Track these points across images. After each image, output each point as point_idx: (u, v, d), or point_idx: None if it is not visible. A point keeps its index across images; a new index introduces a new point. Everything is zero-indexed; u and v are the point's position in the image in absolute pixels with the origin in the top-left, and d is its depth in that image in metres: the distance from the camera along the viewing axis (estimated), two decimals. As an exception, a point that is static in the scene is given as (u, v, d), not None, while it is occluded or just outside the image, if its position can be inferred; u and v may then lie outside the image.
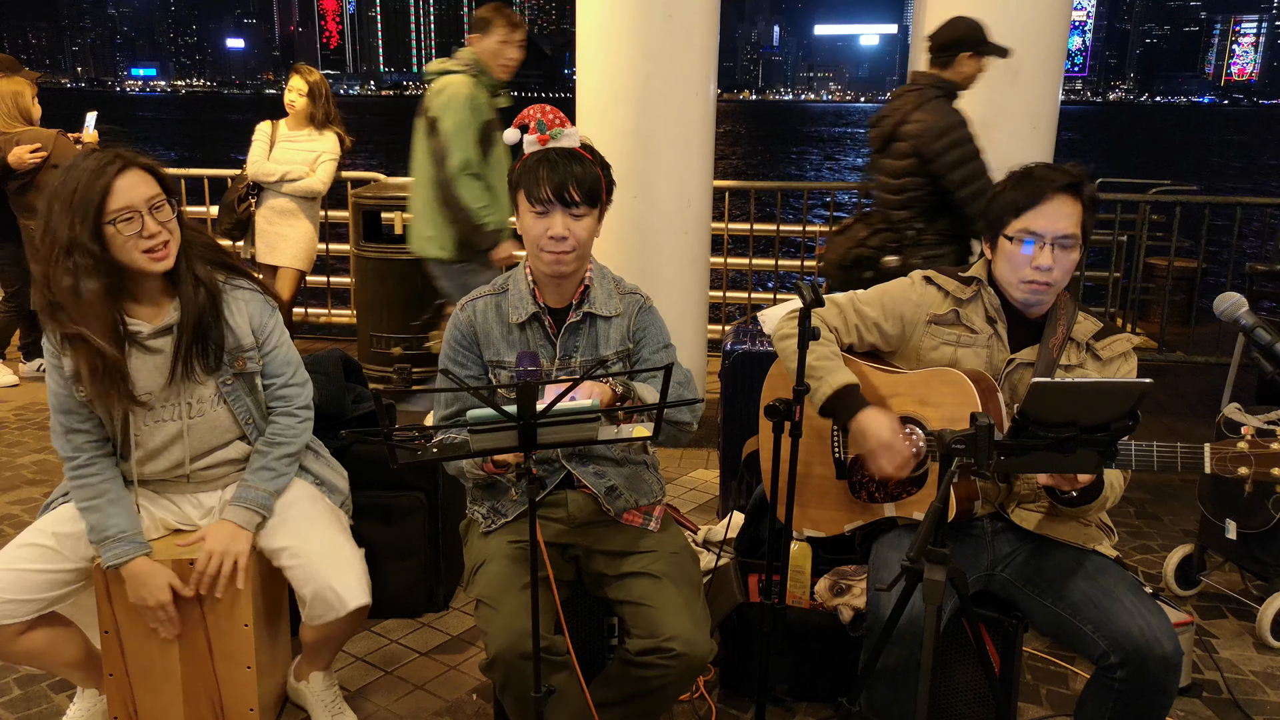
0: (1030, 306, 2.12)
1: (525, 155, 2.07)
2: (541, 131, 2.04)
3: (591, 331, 2.14)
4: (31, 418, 4.70)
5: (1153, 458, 1.87)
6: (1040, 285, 2.05)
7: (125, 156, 1.99)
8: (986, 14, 3.88)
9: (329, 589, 2.14)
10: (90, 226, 1.94)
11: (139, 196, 1.97)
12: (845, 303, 2.27)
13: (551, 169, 1.99)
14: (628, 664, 1.98)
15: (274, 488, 2.20)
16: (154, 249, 2.00)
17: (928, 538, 1.64)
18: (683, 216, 4.35)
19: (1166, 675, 1.88)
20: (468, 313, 2.15)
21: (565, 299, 2.13)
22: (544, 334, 2.13)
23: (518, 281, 2.15)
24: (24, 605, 2.07)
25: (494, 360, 2.13)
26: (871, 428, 2.06)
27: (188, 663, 2.20)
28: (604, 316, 2.14)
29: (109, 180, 1.94)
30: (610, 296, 2.16)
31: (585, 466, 2.16)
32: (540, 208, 2.01)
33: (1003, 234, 2.08)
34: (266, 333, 2.21)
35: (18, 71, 4.92)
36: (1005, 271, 2.10)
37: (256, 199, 4.95)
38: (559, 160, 2.00)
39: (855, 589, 2.46)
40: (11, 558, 2.09)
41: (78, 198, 1.94)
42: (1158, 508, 3.92)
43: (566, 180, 1.98)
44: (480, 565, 2.08)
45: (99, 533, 2.08)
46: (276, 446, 2.22)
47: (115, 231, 1.96)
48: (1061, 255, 2.04)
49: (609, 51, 4.20)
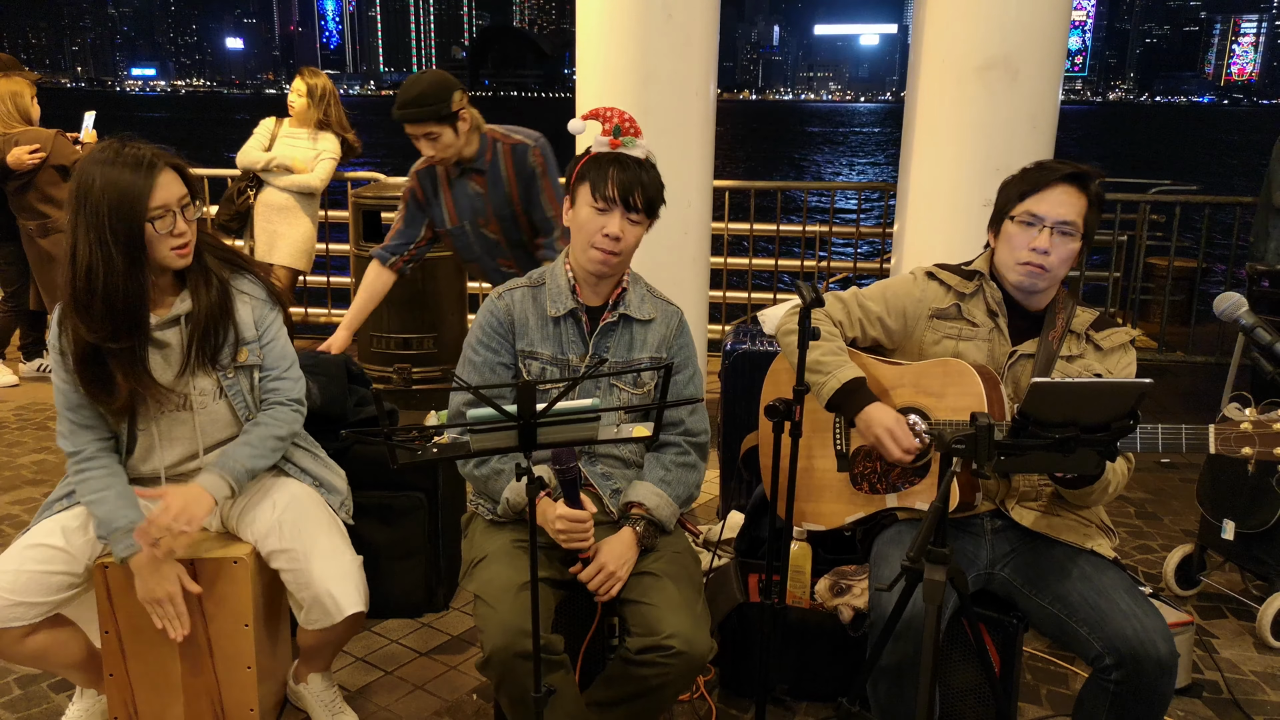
0: (1027, 293, 2.15)
1: (592, 153, 2.10)
2: (615, 136, 2.09)
3: (626, 333, 2.18)
4: (31, 418, 4.70)
5: (1158, 439, 1.89)
6: (1036, 268, 2.08)
7: (161, 155, 2.01)
8: (986, 14, 3.88)
9: (327, 595, 2.13)
10: (135, 224, 1.96)
11: (173, 196, 2.00)
12: (849, 298, 2.29)
13: (622, 169, 2.05)
14: (628, 663, 1.98)
15: (252, 465, 2.16)
16: (180, 246, 2.04)
17: (928, 537, 1.64)
18: (683, 216, 4.35)
19: (1161, 677, 1.88)
20: (505, 301, 2.17)
21: (602, 298, 2.18)
22: (579, 331, 2.16)
23: (556, 276, 2.18)
24: (31, 609, 2.06)
25: (526, 350, 2.15)
26: (876, 416, 2.10)
27: (188, 663, 2.20)
28: (640, 320, 2.19)
29: (154, 180, 1.97)
30: (644, 301, 2.21)
31: (594, 466, 2.18)
32: (603, 204, 2.05)
33: (1007, 216, 2.13)
34: (266, 325, 2.22)
35: (17, 71, 4.91)
36: (1004, 254, 2.14)
37: (255, 191, 4.96)
38: (630, 164, 2.06)
39: (855, 589, 2.46)
40: (19, 559, 2.07)
41: (122, 195, 1.95)
42: (1158, 508, 3.92)
43: (635, 185, 2.04)
44: (480, 560, 2.09)
45: (107, 525, 2.06)
46: (262, 427, 2.21)
47: (153, 230, 1.99)
48: (1060, 242, 2.07)
49: (609, 51, 4.20)
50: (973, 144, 3.99)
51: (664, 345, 2.21)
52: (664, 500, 2.13)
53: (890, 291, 2.27)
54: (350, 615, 2.15)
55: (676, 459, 2.20)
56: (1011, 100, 3.94)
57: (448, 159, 3.19)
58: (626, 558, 2.04)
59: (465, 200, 3.28)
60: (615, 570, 2.01)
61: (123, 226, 1.95)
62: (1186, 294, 6.31)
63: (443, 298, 4.61)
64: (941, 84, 4.06)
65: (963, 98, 3.96)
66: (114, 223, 1.95)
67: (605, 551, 2.03)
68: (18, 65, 4.99)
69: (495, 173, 3.22)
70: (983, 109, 3.93)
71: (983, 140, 3.90)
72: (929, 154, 4.20)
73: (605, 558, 2.02)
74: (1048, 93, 4.01)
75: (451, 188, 3.29)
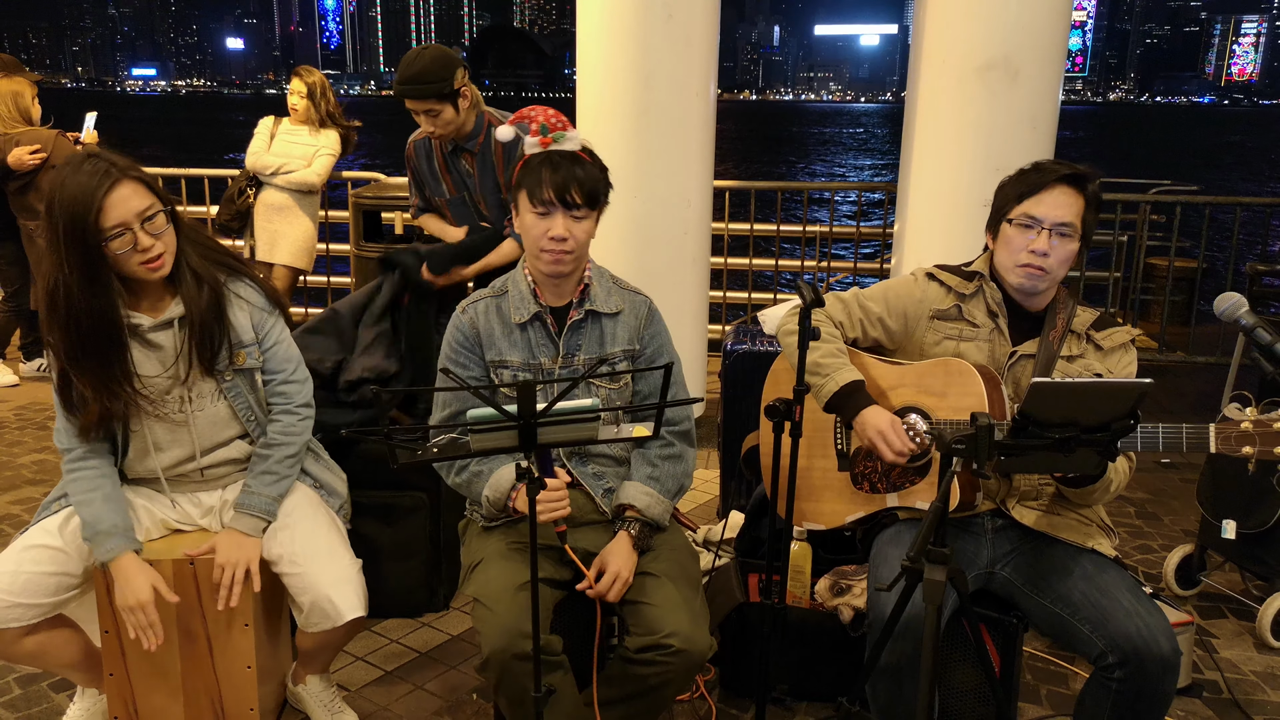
0: (1027, 294, 2.15)
1: (526, 156, 2.10)
2: (544, 134, 2.08)
3: (595, 329, 2.17)
4: (31, 418, 4.70)
5: (1159, 439, 1.88)
6: (1035, 270, 2.09)
7: (115, 170, 1.94)
8: (987, 14, 3.88)
9: (326, 600, 2.13)
10: (90, 245, 1.93)
11: (130, 211, 1.94)
12: (850, 299, 2.30)
13: (554, 170, 2.02)
14: (627, 662, 1.99)
15: (276, 492, 2.20)
16: (149, 261, 2.00)
17: (928, 537, 1.64)
18: (683, 216, 4.35)
19: (1164, 675, 1.88)
20: (469, 314, 2.16)
21: (565, 298, 2.16)
22: (546, 333, 2.15)
23: (517, 283, 2.17)
24: (30, 609, 2.06)
25: (496, 360, 2.14)
26: (871, 419, 2.11)
27: (188, 662, 2.20)
28: (607, 314, 2.17)
29: (100, 200, 1.91)
30: (610, 294, 2.19)
31: (584, 467, 2.18)
32: (542, 208, 2.03)
33: (1005, 219, 2.13)
34: (266, 329, 2.21)
35: (18, 72, 4.91)
36: (1004, 257, 2.14)
37: (255, 191, 4.97)
38: (562, 162, 2.03)
39: (855, 589, 2.46)
40: (19, 560, 2.07)
41: (73, 220, 1.91)
42: (1158, 508, 3.92)
43: (569, 182, 2.01)
44: (477, 564, 2.09)
45: (91, 528, 2.06)
46: (277, 448, 2.22)
47: (111, 250, 1.96)
48: (1059, 243, 2.07)
49: (609, 51, 4.20)
50: (973, 144, 4.00)
51: (635, 337, 2.20)
52: (654, 498, 2.13)
53: (891, 293, 2.27)
54: (350, 620, 2.15)
55: (662, 452, 2.19)
56: (1011, 100, 3.94)
57: (446, 135, 3.21)
58: (629, 561, 2.05)
59: (457, 175, 3.36)
60: (622, 573, 2.03)
61: (78, 248, 1.92)
62: (1186, 294, 6.31)
63: (443, 297, 4.61)
64: (942, 84, 4.07)
65: (963, 98, 3.97)
66: (69, 243, 1.92)
67: (611, 560, 2.04)
68: (18, 66, 4.99)
69: (485, 155, 3.26)
70: (983, 109, 3.93)
71: (983, 140, 3.91)
72: (929, 154, 4.20)
73: (613, 566, 2.03)
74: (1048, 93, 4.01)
75: (446, 162, 3.36)
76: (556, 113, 2.11)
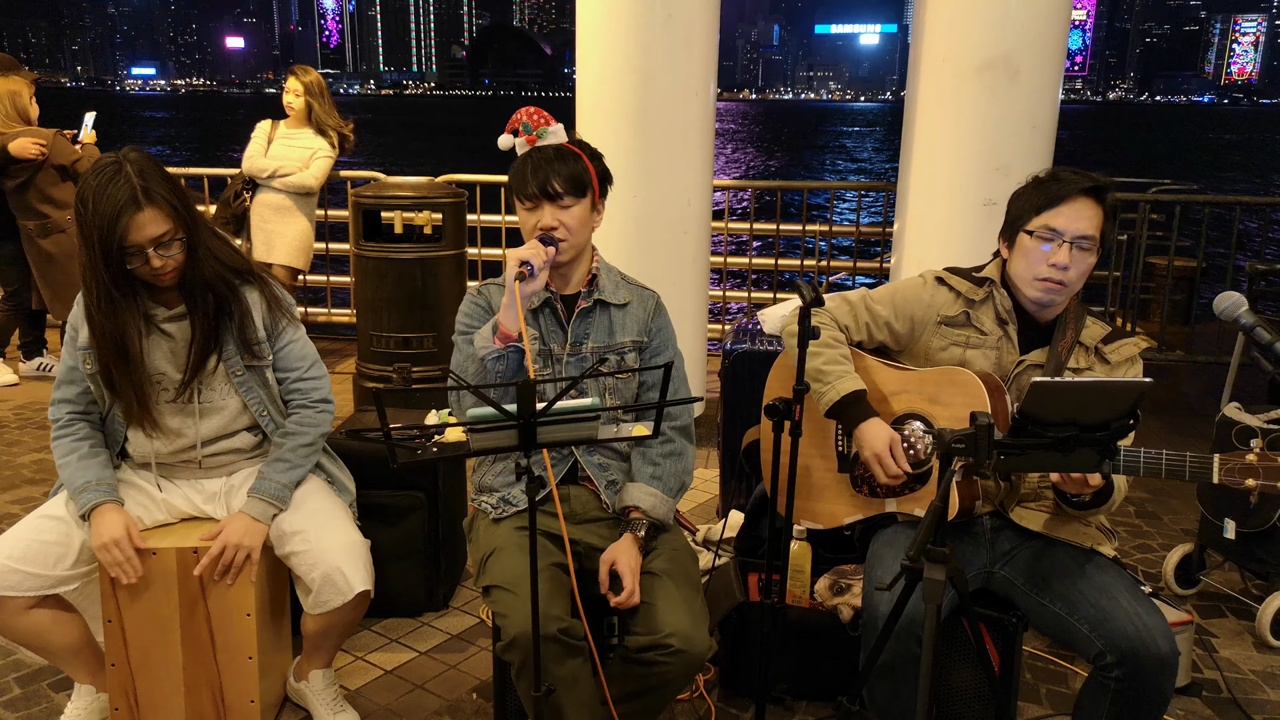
0: (1043, 306, 2.13)
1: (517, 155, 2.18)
2: (528, 133, 2.16)
3: (604, 318, 2.22)
4: (31, 417, 4.70)
5: (1161, 466, 1.84)
6: (1055, 284, 2.06)
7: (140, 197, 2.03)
8: (986, 14, 3.88)
9: (338, 571, 2.19)
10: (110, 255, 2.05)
11: (145, 238, 2.05)
12: (857, 300, 2.28)
13: (534, 168, 2.11)
14: (627, 661, 1.99)
15: (289, 479, 2.27)
16: (157, 275, 2.11)
17: (928, 537, 1.64)
18: (683, 216, 4.35)
19: (1163, 675, 1.88)
20: (485, 294, 2.23)
21: (574, 286, 2.22)
22: (556, 320, 2.20)
23: None
24: (33, 579, 2.13)
25: None
26: (868, 439, 2.11)
27: (189, 653, 2.22)
28: (616, 305, 2.23)
29: (124, 224, 2.02)
30: (618, 287, 2.26)
31: (590, 456, 2.22)
32: (530, 203, 2.12)
33: (1023, 229, 2.09)
34: (279, 329, 2.29)
35: (16, 71, 4.91)
36: (1021, 268, 2.11)
37: (251, 194, 4.96)
38: (541, 158, 2.12)
39: (855, 588, 2.46)
40: (24, 528, 2.18)
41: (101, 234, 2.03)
42: (1158, 507, 3.92)
43: (549, 176, 2.10)
44: (491, 554, 2.10)
45: (70, 485, 2.18)
46: (292, 437, 2.29)
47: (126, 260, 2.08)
48: (1079, 256, 2.05)
49: (609, 51, 4.20)
50: (972, 144, 4.00)
51: (643, 329, 2.25)
52: (659, 499, 2.15)
53: (899, 295, 2.26)
54: (358, 595, 2.21)
55: (663, 449, 2.21)
56: (1011, 100, 3.94)
57: None
58: (637, 562, 2.07)
59: None
60: (635, 572, 2.05)
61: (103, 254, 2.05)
62: (1186, 294, 6.31)
63: (443, 297, 4.61)
64: (941, 84, 4.07)
65: (963, 97, 3.97)
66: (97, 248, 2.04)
67: (620, 560, 2.05)
68: (17, 65, 4.99)
69: None
70: (983, 109, 3.93)
71: (982, 140, 3.91)
72: (929, 153, 4.20)
73: (623, 565, 2.04)
74: (1048, 92, 4.01)
75: None
76: (537, 109, 2.19)
